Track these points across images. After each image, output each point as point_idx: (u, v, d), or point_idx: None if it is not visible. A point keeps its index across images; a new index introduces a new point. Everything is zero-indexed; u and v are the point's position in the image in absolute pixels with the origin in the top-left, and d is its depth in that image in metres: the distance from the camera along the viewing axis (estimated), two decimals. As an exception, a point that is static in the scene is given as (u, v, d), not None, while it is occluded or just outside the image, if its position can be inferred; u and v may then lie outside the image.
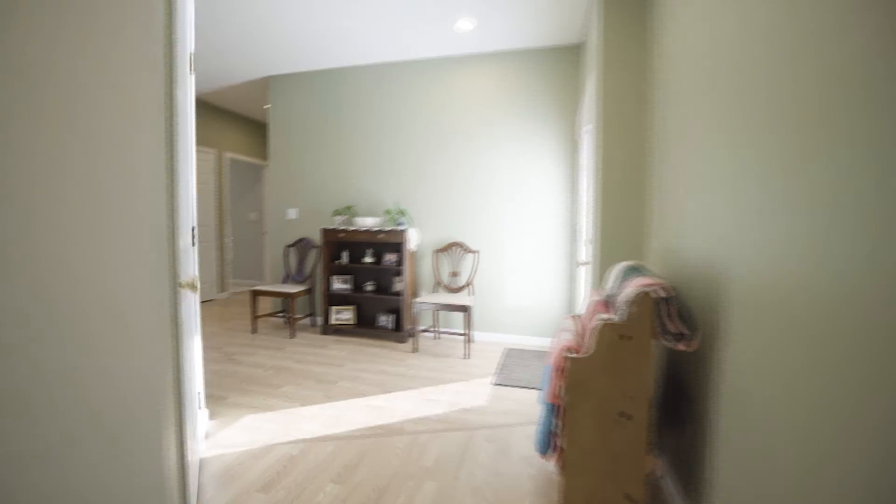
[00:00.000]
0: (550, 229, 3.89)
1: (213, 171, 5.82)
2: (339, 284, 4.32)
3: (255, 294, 4.22)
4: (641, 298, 1.41)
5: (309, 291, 4.38)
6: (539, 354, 3.67)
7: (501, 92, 3.96)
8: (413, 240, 4.04)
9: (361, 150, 4.40)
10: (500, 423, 2.45)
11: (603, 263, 2.59)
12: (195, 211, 2.08)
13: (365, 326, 4.22)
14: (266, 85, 4.80)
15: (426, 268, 4.25)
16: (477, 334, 4.13)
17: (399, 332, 4.03)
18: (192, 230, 2.05)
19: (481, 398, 2.80)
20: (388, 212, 4.12)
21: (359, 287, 4.41)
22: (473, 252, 4.02)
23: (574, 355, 1.52)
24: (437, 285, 4.10)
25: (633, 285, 1.49)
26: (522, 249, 3.97)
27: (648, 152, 2.43)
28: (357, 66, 4.36)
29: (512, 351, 3.78)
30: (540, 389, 2.89)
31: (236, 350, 3.71)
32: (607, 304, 1.84)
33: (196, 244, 2.09)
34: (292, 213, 4.69)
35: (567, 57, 3.78)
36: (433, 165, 4.17)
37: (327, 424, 2.40)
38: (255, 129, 6.64)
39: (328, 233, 4.18)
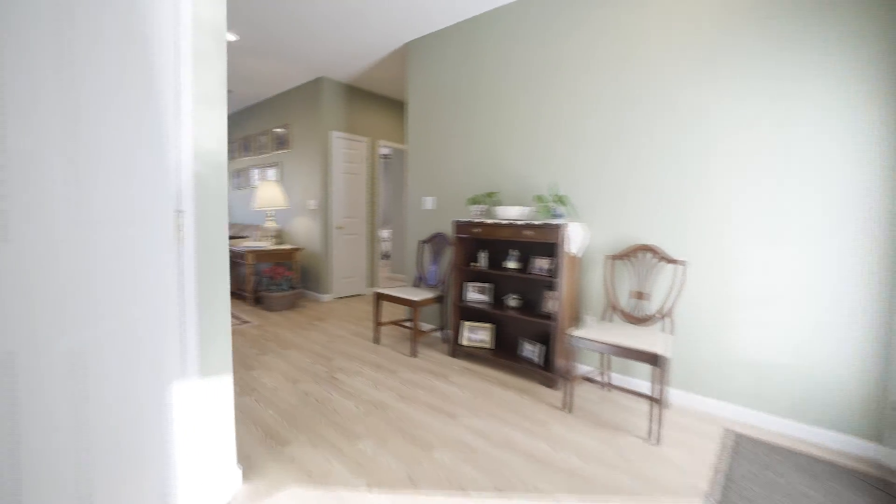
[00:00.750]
0: (834, 230, 2.04)
1: (366, 160, 5.57)
2: (474, 294, 3.33)
3: (379, 298, 3.58)
4: None
5: (440, 300, 3.52)
6: (810, 465, 1.91)
7: (734, 11, 2.27)
8: (575, 239, 2.73)
9: (508, 119, 3.28)
10: None
11: None
12: (187, 191, 1.34)
13: (503, 354, 3.12)
14: (405, 56, 4.13)
15: (594, 281, 2.87)
16: (675, 394, 2.55)
17: (548, 370, 2.79)
18: (179, 216, 1.31)
19: (683, 564, 1.38)
20: (539, 199, 2.90)
21: (499, 300, 3.33)
22: (675, 263, 2.46)
23: None
24: (611, 310, 2.69)
25: None
26: (773, 263, 2.22)
27: None
28: (506, 4, 3.24)
29: (744, 440, 2.12)
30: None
31: (344, 365, 3.09)
32: None
33: (184, 237, 1.34)
34: (429, 203, 3.92)
35: None
36: (610, 132, 2.75)
37: (381, 551, 1.41)
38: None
39: (461, 227, 3.22)
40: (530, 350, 2.99)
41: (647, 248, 2.56)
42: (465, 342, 3.30)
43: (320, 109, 4.98)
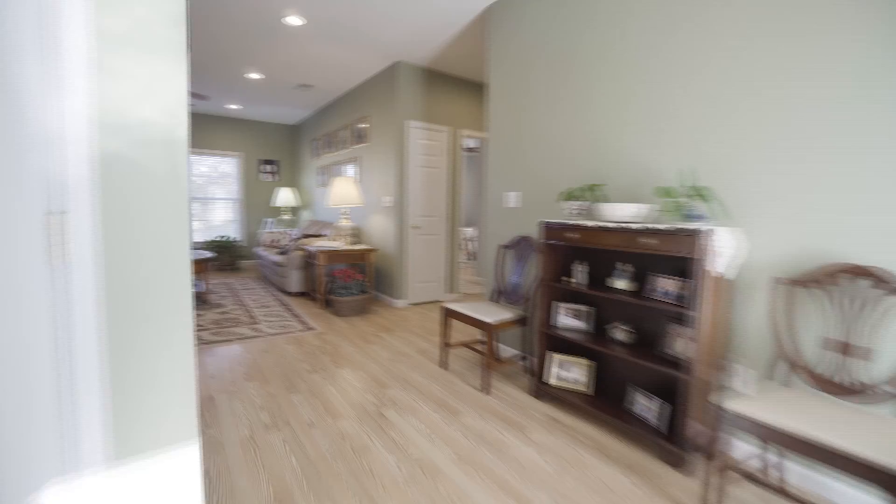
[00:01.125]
0: None
1: (446, 151, 4.99)
2: (567, 319, 2.55)
3: (447, 315, 2.97)
4: None
5: (522, 321, 2.79)
6: None
7: None
8: (724, 252, 1.81)
9: (622, 89, 2.41)
10: None
11: None
12: (79, 179, 0.83)
13: (605, 404, 2.29)
14: (485, 25, 3.41)
15: (753, 317, 1.91)
16: (911, 520, 1.51)
17: (672, 441, 1.91)
18: (53, 219, 0.81)
19: None
20: (665, 192, 2.01)
21: (601, 330, 2.50)
22: (923, 298, 1.42)
23: None
24: (788, 365, 1.72)
25: None
26: None
27: None
28: (626, -73, 2.37)
29: None
30: None
31: (399, 397, 2.53)
32: None
33: (69, 253, 0.83)
34: (512, 199, 3.19)
35: None
36: (793, 96, 1.76)
37: None
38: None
39: (551, 230, 2.45)
40: (645, 406, 2.12)
41: (859, 272, 1.55)
42: (552, 380, 2.53)
43: (396, 97, 4.53)
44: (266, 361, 3.05)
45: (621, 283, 2.24)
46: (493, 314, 2.70)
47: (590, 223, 2.22)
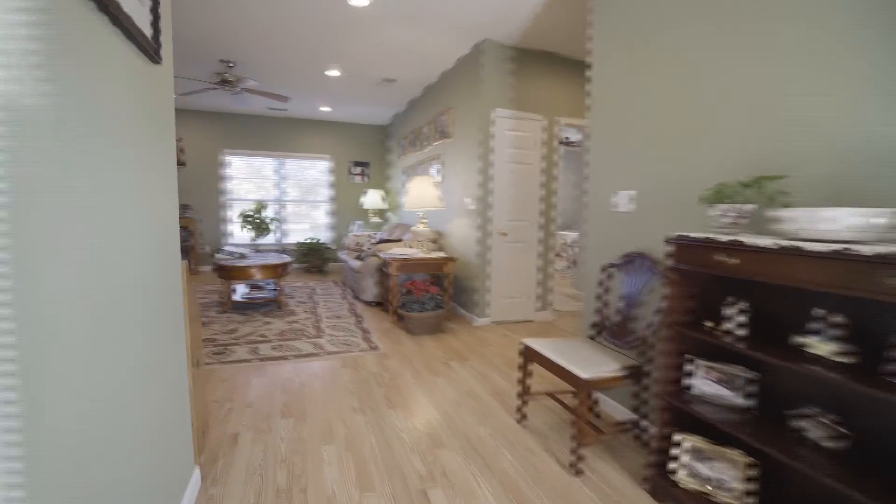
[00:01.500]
0: None
1: (540, 145, 4.18)
2: (708, 384, 1.66)
3: (527, 355, 2.23)
4: None
5: (635, 376, 1.95)
6: None
7: None
8: None
9: (819, 22, 1.45)
10: None
11: None
12: None
13: (780, 542, 1.37)
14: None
15: None
16: None
17: None
18: None
19: None
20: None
21: (773, 412, 1.56)
22: None
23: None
24: None
25: None
26: None
27: None
28: None
29: None
30: None
31: (455, 467, 1.87)
32: None
33: None
34: (623, 201, 2.34)
35: None
36: None
37: None
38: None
39: (687, 248, 1.59)
40: (874, 575, 1.17)
41: None
42: (680, 477, 1.66)
43: (480, 83, 3.88)
44: (313, 390, 2.64)
45: (822, 346, 1.31)
46: (591, 363, 1.91)
47: (762, 241, 1.33)
